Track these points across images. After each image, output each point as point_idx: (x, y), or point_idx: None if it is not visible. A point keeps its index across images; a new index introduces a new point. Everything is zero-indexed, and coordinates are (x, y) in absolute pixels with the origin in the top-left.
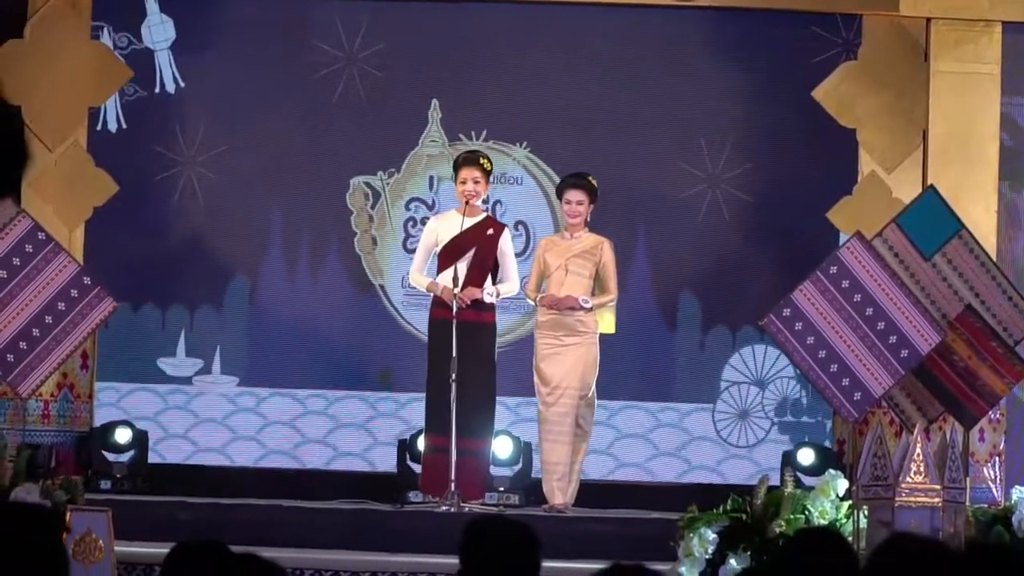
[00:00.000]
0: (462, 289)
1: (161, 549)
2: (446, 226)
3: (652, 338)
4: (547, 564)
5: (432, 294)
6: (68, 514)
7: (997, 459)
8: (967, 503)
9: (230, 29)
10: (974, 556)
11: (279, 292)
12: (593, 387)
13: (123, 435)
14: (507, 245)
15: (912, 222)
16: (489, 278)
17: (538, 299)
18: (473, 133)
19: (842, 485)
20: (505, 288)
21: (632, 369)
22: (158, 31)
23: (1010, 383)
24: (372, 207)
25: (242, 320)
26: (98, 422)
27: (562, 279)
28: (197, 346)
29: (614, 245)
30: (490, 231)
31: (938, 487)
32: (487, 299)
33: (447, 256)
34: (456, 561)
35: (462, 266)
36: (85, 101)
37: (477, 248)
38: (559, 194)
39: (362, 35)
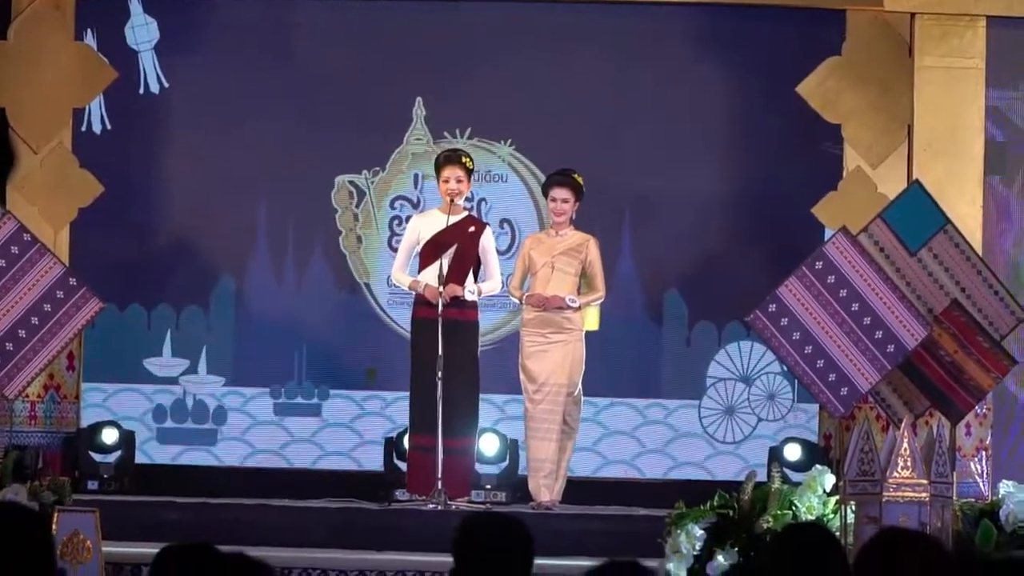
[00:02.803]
0: (444, 286)
1: (149, 549)
2: (428, 224)
3: (638, 335)
4: (534, 561)
5: (415, 293)
6: (56, 515)
7: (984, 453)
8: (954, 498)
9: (214, 30)
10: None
11: (265, 292)
12: (579, 384)
13: (110, 435)
14: (489, 243)
15: (898, 217)
16: (471, 276)
17: (524, 297)
18: (458, 131)
19: (829, 480)
20: (488, 286)
21: (619, 366)
22: (142, 32)
23: (996, 377)
24: (357, 206)
25: (228, 320)
26: (85, 423)
27: (548, 277)
28: (183, 346)
29: (600, 242)
30: (471, 228)
31: (925, 482)
32: (468, 297)
33: (428, 254)
34: (443, 559)
35: (443, 264)
36: (70, 102)
37: (458, 245)
38: (544, 191)
39: (346, 34)
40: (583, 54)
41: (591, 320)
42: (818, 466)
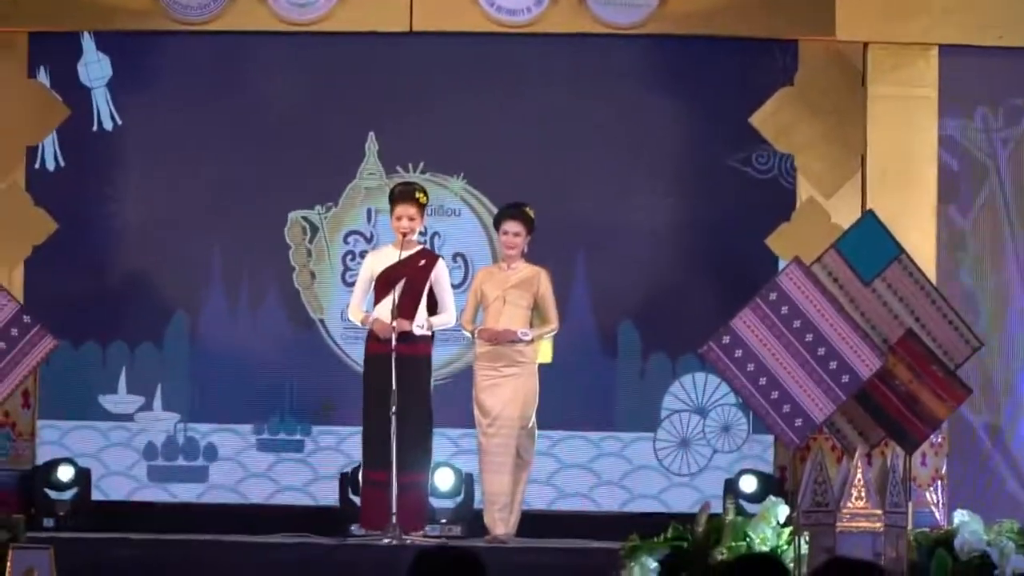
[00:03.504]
0: (394, 321)
1: None
2: (381, 260)
3: (592, 367)
4: None
5: (368, 328)
6: (10, 552)
7: (939, 483)
8: (909, 527)
9: (166, 66)
10: None
11: (219, 328)
12: (533, 417)
13: (65, 473)
14: (442, 276)
15: (851, 247)
16: (424, 310)
17: (476, 332)
18: (410, 165)
19: (783, 511)
20: (440, 320)
21: (573, 399)
22: (94, 69)
23: (951, 407)
24: (310, 241)
25: (183, 357)
26: (40, 460)
27: (500, 310)
28: (138, 383)
29: (552, 275)
30: (423, 262)
31: (879, 512)
32: (417, 331)
33: (380, 288)
34: None
35: (394, 297)
36: (23, 140)
37: (408, 279)
38: (496, 225)
39: (298, 69)
40: (535, 87)
41: (544, 353)
42: (772, 497)
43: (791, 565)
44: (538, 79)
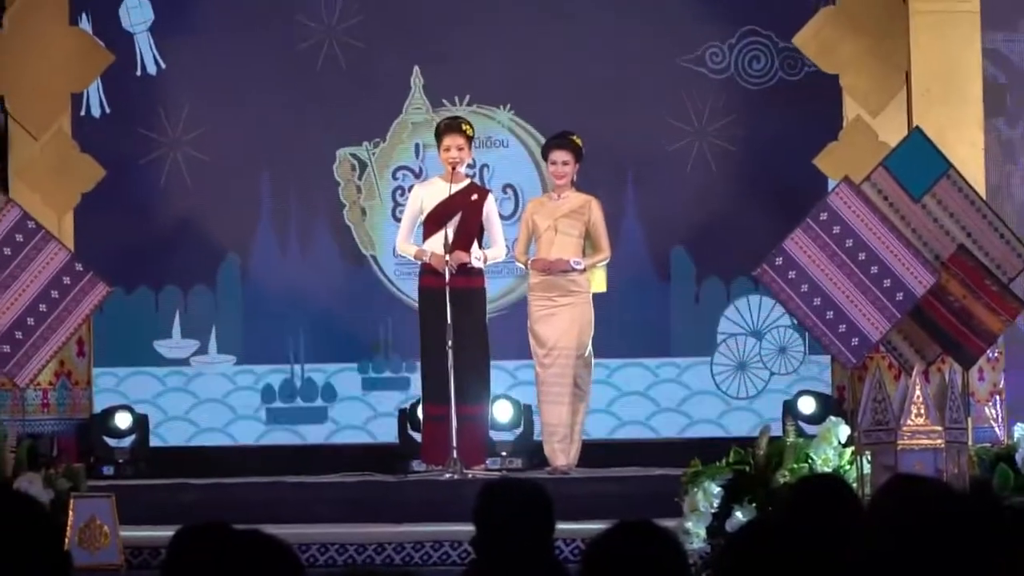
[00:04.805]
0: (449, 254)
1: (167, 532)
2: (431, 193)
3: (646, 294)
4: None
5: (420, 263)
6: (71, 502)
7: (997, 398)
8: (969, 443)
9: (207, 8)
10: (976, 495)
11: (271, 268)
12: (589, 346)
13: (123, 420)
14: (492, 210)
15: (900, 164)
16: (476, 243)
17: (529, 262)
18: (456, 98)
19: (844, 431)
20: (492, 253)
21: (628, 326)
22: (136, 14)
23: (1006, 320)
24: (359, 178)
25: (236, 298)
26: (98, 408)
27: (552, 240)
28: (192, 327)
29: (603, 203)
30: (474, 196)
31: (939, 428)
32: (475, 263)
33: (433, 223)
34: (461, 528)
35: (448, 232)
36: (67, 87)
37: (462, 214)
38: (544, 155)
39: (340, 5)
40: (579, 15)
41: (598, 282)
42: (832, 418)
43: (854, 484)
44: (581, 6)
